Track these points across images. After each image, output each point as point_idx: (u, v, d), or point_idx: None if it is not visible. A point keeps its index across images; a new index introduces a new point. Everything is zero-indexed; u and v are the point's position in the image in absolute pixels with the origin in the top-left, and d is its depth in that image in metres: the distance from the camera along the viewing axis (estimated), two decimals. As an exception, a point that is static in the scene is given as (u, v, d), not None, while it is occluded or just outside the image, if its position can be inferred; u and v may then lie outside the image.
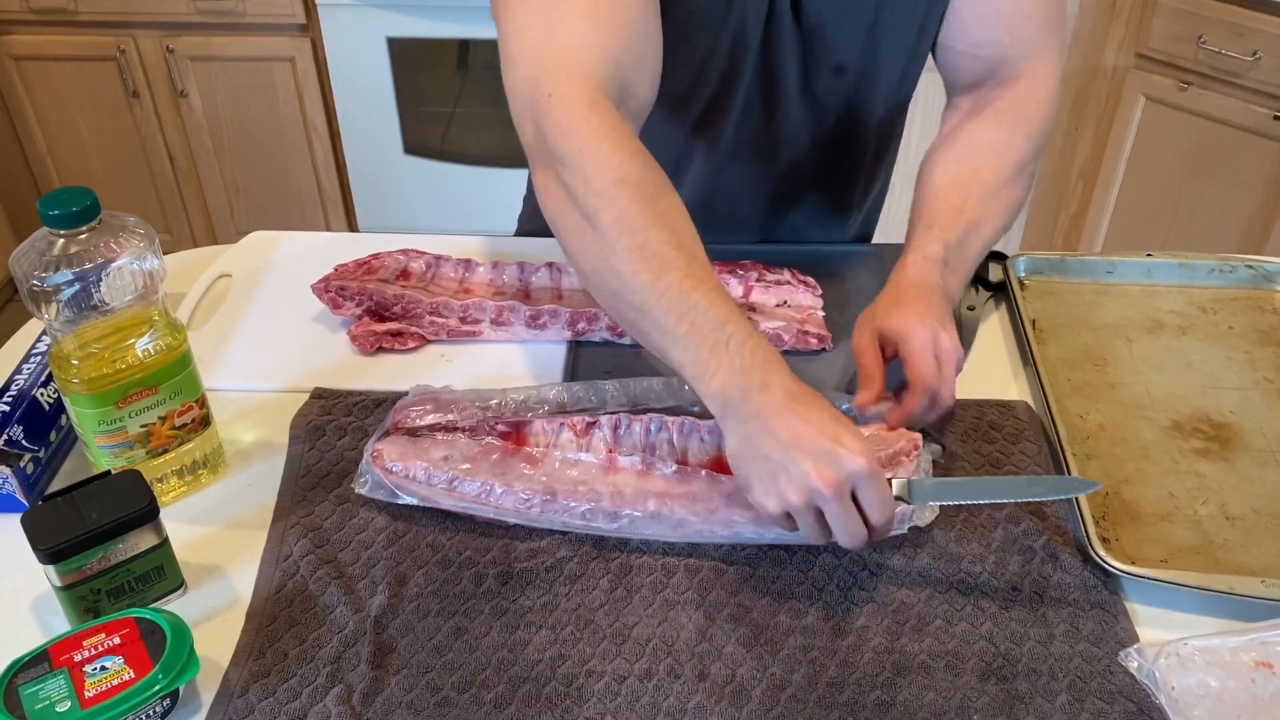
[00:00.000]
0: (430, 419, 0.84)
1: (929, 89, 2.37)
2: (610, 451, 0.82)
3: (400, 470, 0.80)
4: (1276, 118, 1.96)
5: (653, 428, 0.83)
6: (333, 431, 0.88)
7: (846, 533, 0.71)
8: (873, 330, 0.84)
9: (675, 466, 0.81)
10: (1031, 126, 0.96)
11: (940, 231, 0.88)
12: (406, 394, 0.87)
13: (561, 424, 0.84)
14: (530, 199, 1.23)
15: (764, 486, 0.71)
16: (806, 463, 0.68)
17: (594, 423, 0.83)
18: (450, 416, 0.84)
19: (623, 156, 0.76)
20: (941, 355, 0.81)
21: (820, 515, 0.71)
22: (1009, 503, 0.81)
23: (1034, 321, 1.00)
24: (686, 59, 0.94)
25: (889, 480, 0.72)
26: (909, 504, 0.75)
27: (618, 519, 0.78)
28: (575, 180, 0.76)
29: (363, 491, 0.81)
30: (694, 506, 0.78)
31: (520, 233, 1.22)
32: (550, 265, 1.03)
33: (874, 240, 1.69)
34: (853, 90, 1.02)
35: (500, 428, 0.84)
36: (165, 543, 0.74)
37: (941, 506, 0.79)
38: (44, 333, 0.90)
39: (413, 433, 0.83)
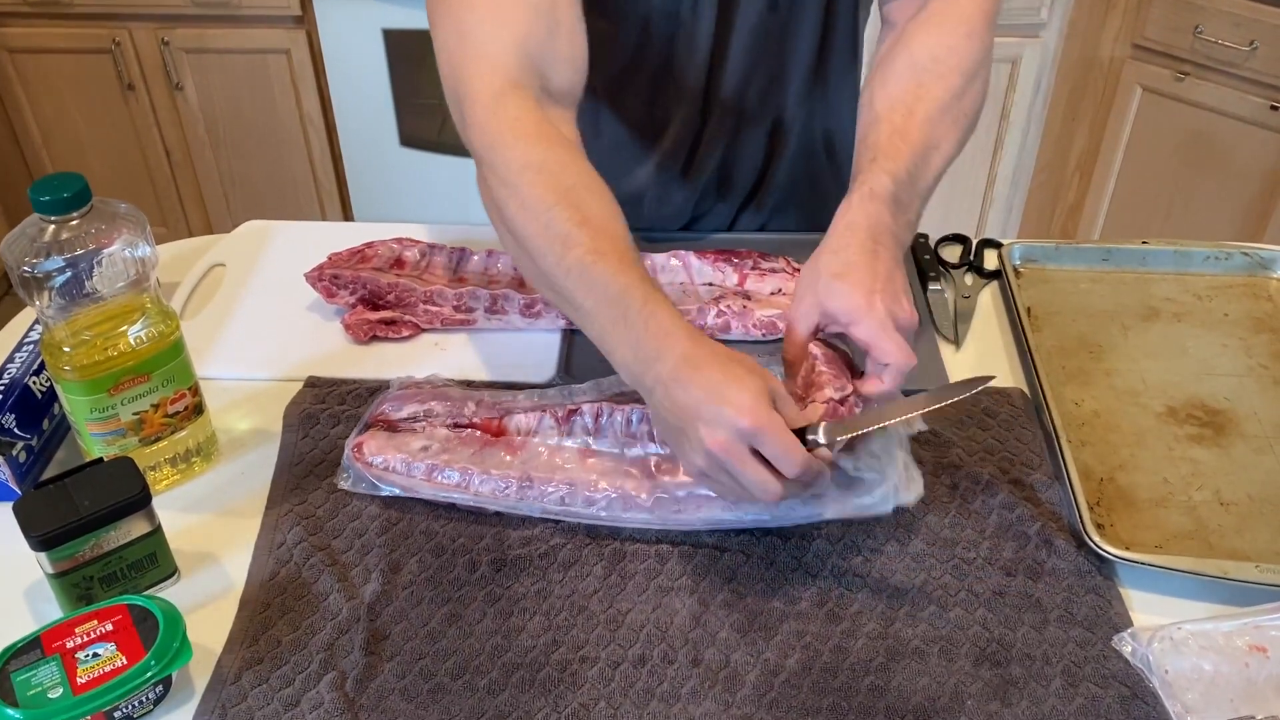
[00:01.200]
0: (409, 410, 0.84)
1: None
2: (590, 436, 0.82)
3: (380, 463, 0.80)
4: (1273, 108, 1.96)
5: (634, 418, 0.83)
6: (326, 420, 0.88)
7: (756, 488, 0.68)
8: (815, 304, 0.77)
9: (654, 448, 0.80)
10: (974, 22, 0.89)
11: (886, 163, 0.81)
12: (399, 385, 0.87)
13: (543, 412, 0.84)
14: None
15: (679, 454, 0.72)
16: (700, 428, 0.67)
17: (575, 410, 0.83)
18: (431, 406, 0.84)
19: (526, 144, 0.78)
20: (902, 333, 0.75)
21: (732, 482, 0.69)
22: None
23: (1029, 309, 1.00)
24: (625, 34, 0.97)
25: (808, 430, 0.70)
26: (825, 446, 0.70)
27: (593, 503, 0.78)
28: (490, 174, 0.79)
29: (345, 487, 0.81)
30: (669, 490, 0.77)
31: None
32: (544, 254, 1.03)
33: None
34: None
35: (480, 418, 0.84)
36: (158, 530, 0.74)
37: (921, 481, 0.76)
38: (36, 321, 0.89)
39: (392, 426, 0.83)
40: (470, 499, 0.79)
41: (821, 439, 0.70)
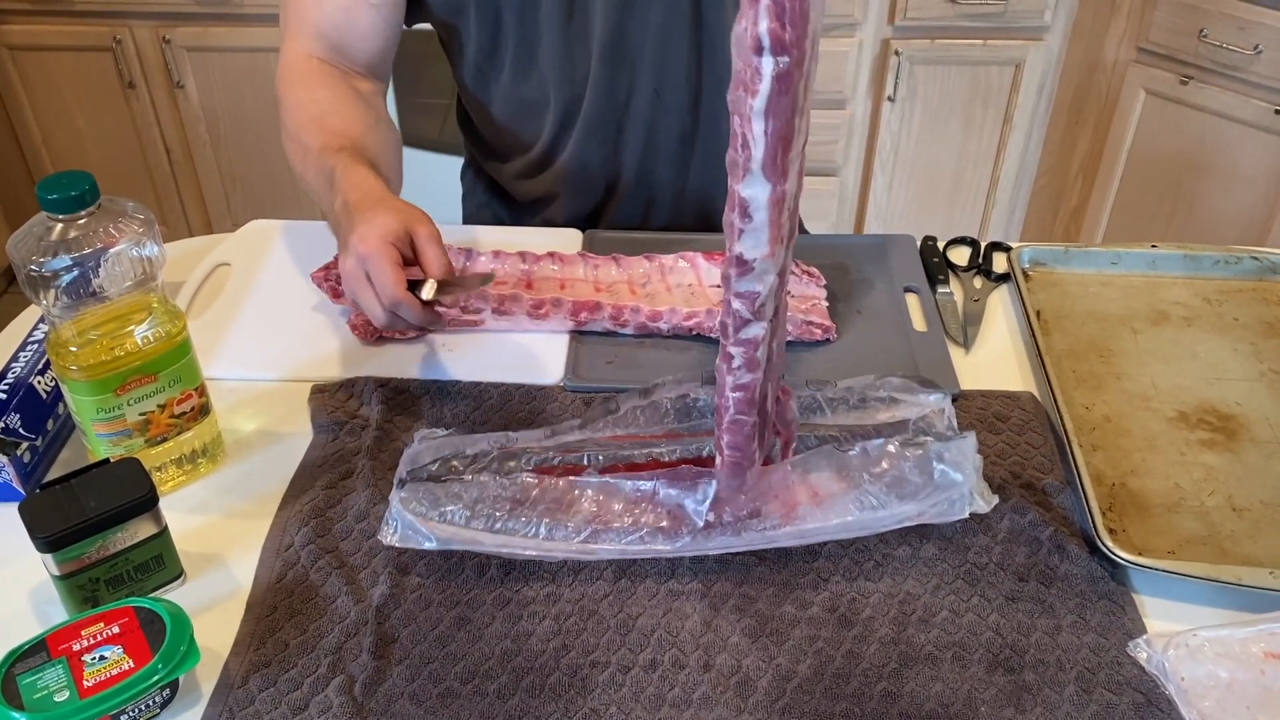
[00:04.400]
0: (442, 464, 0.79)
1: (928, 84, 2.37)
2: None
3: (435, 515, 0.75)
4: (1277, 112, 1.95)
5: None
6: (343, 423, 0.87)
7: (364, 305, 0.84)
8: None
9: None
10: None
11: None
12: (412, 386, 0.86)
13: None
14: (468, 197, 1.30)
15: (346, 289, 0.86)
16: (343, 253, 0.85)
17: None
18: (470, 455, 0.80)
19: (298, 88, 1.03)
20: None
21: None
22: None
23: (1039, 312, 1.00)
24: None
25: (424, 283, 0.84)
26: (421, 299, 0.83)
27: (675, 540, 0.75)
28: (282, 119, 1.03)
29: (392, 542, 0.75)
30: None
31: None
32: (552, 255, 1.03)
33: (868, 230, 1.68)
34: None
35: (532, 465, 0.79)
36: (164, 532, 0.73)
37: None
38: (41, 320, 0.89)
39: (435, 479, 0.78)
40: (534, 550, 0.75)
41: (423, 294, 0.84)
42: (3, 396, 0.81)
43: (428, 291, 0.84)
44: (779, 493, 0.76)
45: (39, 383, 0.83)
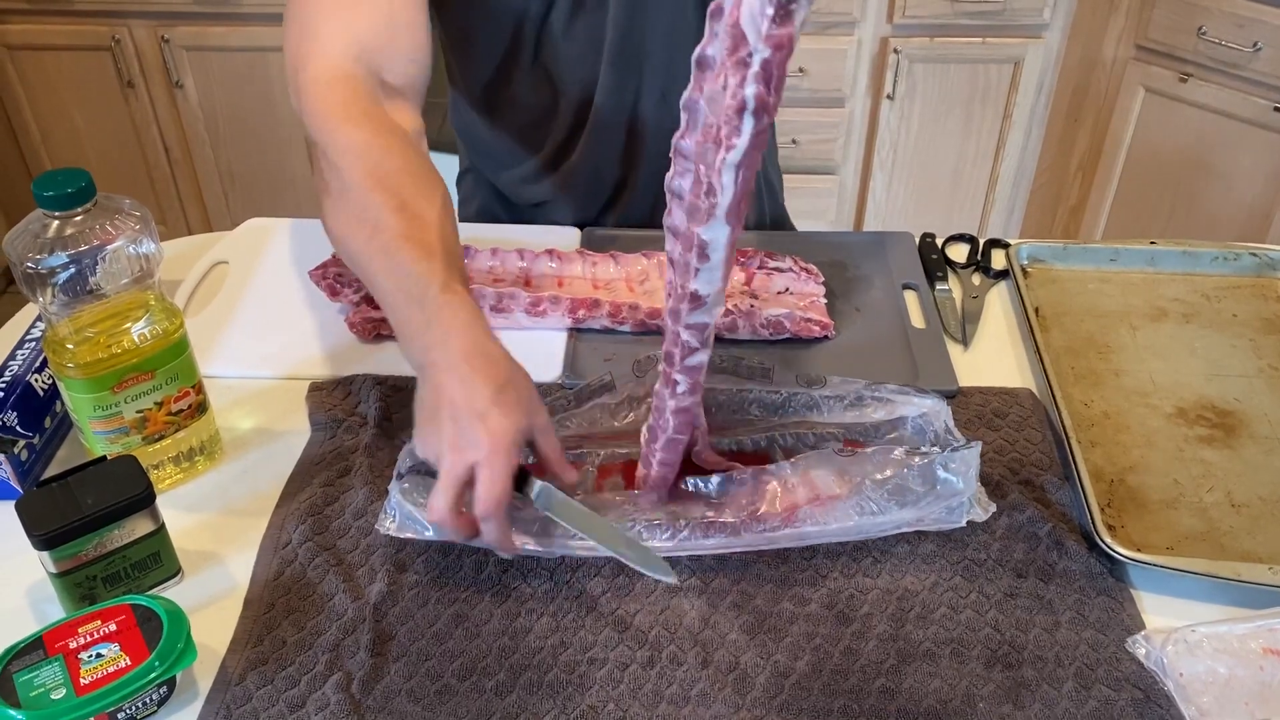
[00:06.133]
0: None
1: (926, 82, 2.37)
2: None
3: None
4: (1276, 109, 1.95)
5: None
6: (340, 420, 0.87)
7: (436, 497, 0.69)
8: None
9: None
10: None
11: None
12: (410, 384, 0.86)
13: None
14: (466, 204, 1.28)
15: (419, 432, 0.72)
16: (446, 425, 0.68)
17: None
18: None
19: (350, 126, 0.80)
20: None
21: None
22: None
23: (1037, 309, 0.99)
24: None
25: (528, 481, 0.71)
26: (534, 505, 0.72)
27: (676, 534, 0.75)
28: (320, 156, 0.81)
29: (389, 530, 0.75)
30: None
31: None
32: (550, 252, 1.03)
33: (868, 228, 1.67)
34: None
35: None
36: (161, 529, 0.73)
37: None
38: (38, 318, 0.89)
39: (434, 474, 0.76)
40: (532, 545, 0.75)
41: (533, 496, 0.71)
42: (0, 394, 0.81)
43: (539, 499, 0.72)
44: (779, 494, 0.76)
45: (36, 380, 0.83)
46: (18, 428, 0.80)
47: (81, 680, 0.63)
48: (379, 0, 0.86)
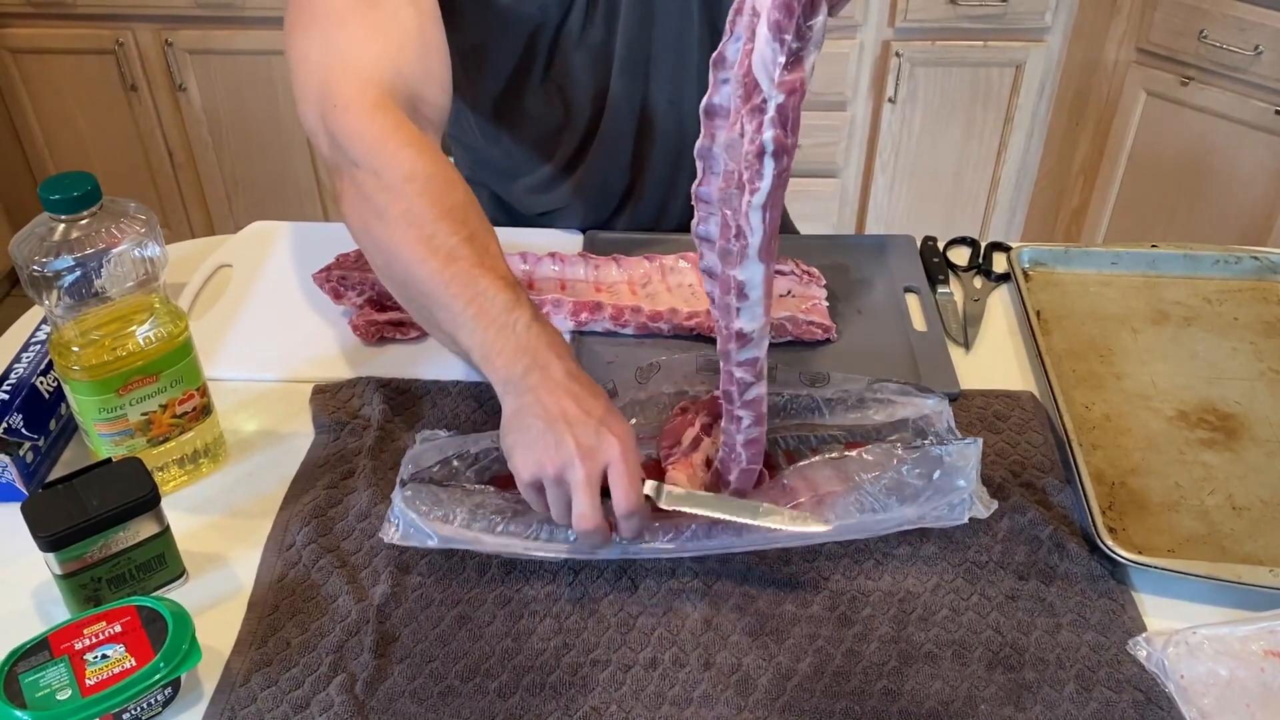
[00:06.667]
0: (443, 465, 0.80)
1: (928, 85, 2.37)
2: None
3: (439, 514, 0.75)
4: (1278, 113, 1.95)
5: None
6: (344, 423, 0.87)
7: (584, 504, 0.69)
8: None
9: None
10: None
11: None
12: (413, 386, 0.86)
13: None
14: None
15: (523, 454, 0.71)
16: (568, 433, 0.69)
17: None
18: (472, 454, 0.80)
19: (411, 153, 0.79)
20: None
21: (566, 493, 0.70)
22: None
23: (1039, 312, 1.00)
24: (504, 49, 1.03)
25: (644, 480, 0.71)
26: (657, 504, 0.73)
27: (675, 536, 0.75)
28: (367, 179, 0.80)
29: (393, 539, 0.75)
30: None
31: None
32: (553, 255, 1.03)
33: (869, 231, 1.67)
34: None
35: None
36: (166, 531, 0.73)
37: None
38: (44, 321, 0.89)
39: (437, 481, 0.79)
40: (539, 549, 0.75)
41: (660, 499, 0.72)
42: (5, 397, 0.81)
43: (664, 497, 0.73)
44: (780, 494, 0.77)
45: (41, 383, 0.84)
46: (23, 430, 0.81)
47: (87, 681, 0.63)
48: (408, 25, 0.85)
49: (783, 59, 0.55)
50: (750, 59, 0.57)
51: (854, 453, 0.78)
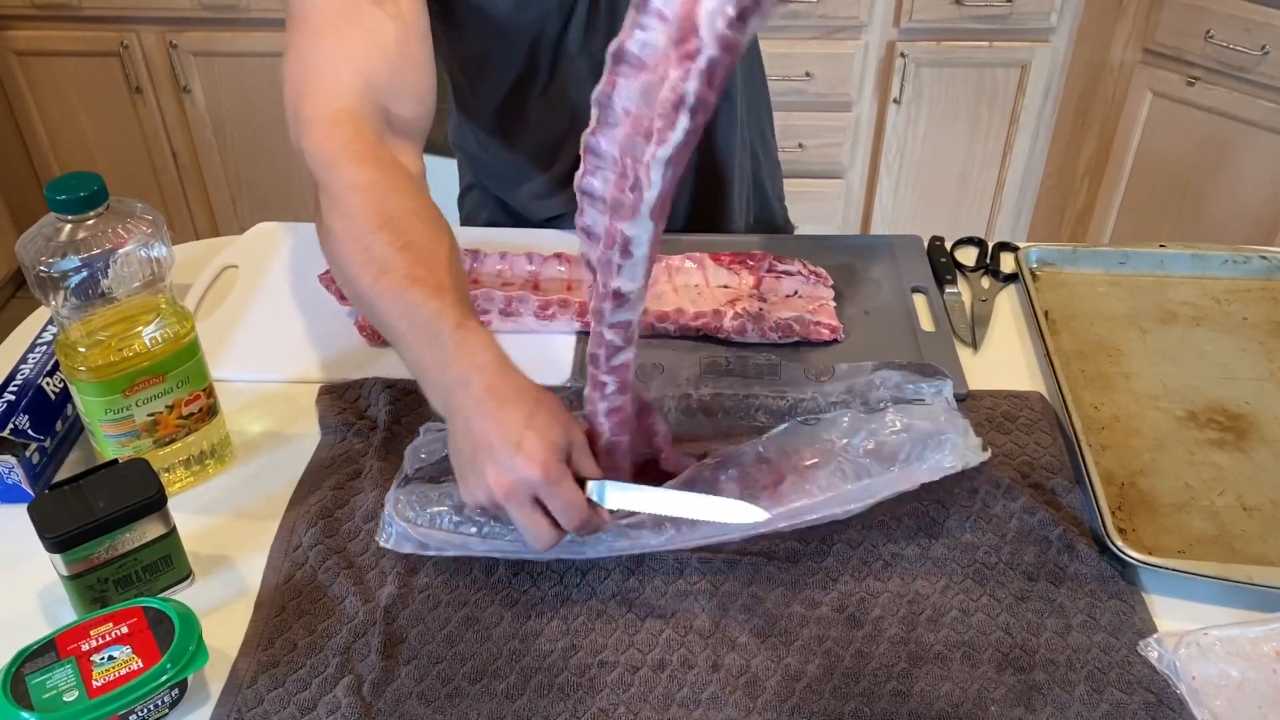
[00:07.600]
0: (443, 461, 0.78)
1: (933, 86, 2.37)
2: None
3: (424, 520, 0.75)
4: (1284, 112, 1.95)
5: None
6: (351, 424, 0.87)
7: (530, 535, 0.68)
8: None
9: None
10: None
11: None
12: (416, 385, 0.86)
13: None
14: (469, 221, 1.28)
15: (463, 482, 0.70)
16: (488, 466, 0.66)
17: None
18: None
19: (355, 165, 0.79)
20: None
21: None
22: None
23: (1046, 312, 0.99)
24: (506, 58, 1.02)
25: (585, 481, 0.69)
26: (601, 506, 0.71)
27: (663, 532, 0.75)
28: (323, 195, 0.80)
29: (388, 546, 0.75)
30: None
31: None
32: (559, 256, 1.03)
33: (874, 232, 1.66)
34: None
35: None
36: (173, 532, 0.73)
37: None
38: (50, 322, 0.89)
39: (434, 479, 0.79)
40: (527, 551, 0.74)
41: (604, 501, 0.70)
42: (12, 398, 0.81)
43: (609, 499, 0.70)
44: (758, 469, 0.76)
45: (48, 384, 0.83)
46: (29, 431, 0.81)
47: (94, 682, 0.63)
48: (386, 39, 0.85)
49: (732, 11, 0.53)
50: (698, 2, 0.54)
51: (820, 419, 0.78)
